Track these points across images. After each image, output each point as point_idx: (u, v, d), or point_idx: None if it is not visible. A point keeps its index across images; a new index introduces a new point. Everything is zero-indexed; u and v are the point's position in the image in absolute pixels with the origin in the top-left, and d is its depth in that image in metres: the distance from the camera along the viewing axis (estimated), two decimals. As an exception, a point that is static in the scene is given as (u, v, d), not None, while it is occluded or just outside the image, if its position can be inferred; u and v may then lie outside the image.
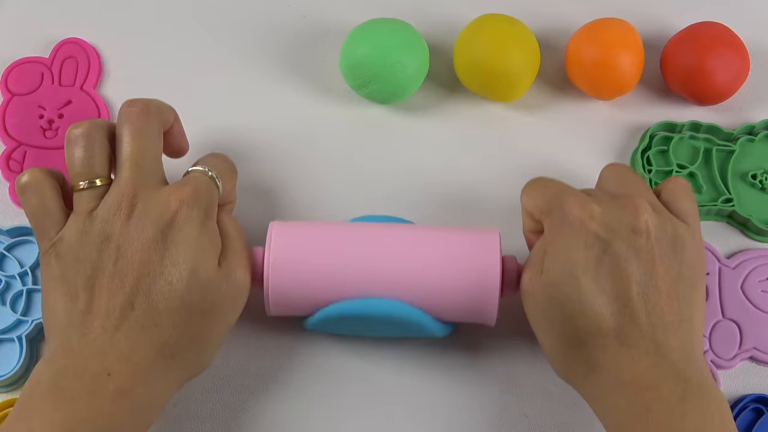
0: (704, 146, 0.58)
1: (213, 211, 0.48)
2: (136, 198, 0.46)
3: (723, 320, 0.54)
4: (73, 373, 0.43)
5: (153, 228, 0.45)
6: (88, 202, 0.46)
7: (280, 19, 0.62)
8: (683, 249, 0.47)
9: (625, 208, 0.47)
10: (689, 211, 0.49)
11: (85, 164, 0.47)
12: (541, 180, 0.50)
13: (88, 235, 0.45)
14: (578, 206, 0.46)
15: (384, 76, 0.56)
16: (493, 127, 0.59)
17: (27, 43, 0.61)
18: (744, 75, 0.58)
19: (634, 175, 0.51)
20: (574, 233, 0.46)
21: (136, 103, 0.48)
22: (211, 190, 0.48)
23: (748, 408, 0.52)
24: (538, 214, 0.49)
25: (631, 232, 0.46)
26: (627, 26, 0.58)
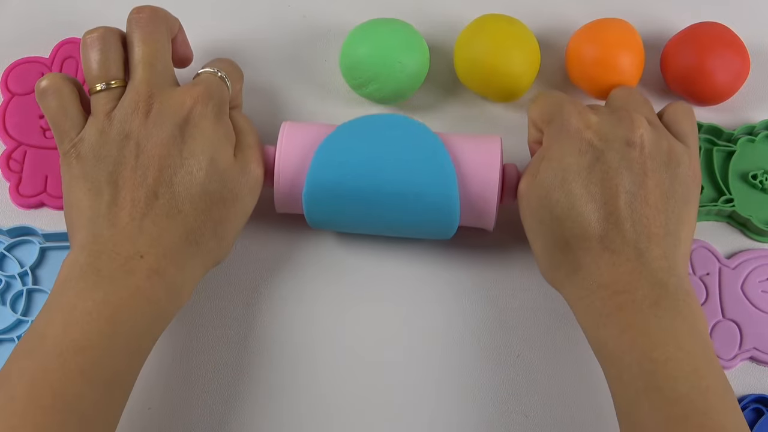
0: (704, 146, 0.58)
1: (225, 108, 0.50)
2: (152, 98, 0.48)
3: (723, 320, 0.54)
4: (108, 256, 0.45)
5: (170, 124, 0.47)
6: (106, 104, 0.48)
7: (280, 19, 0.62)
8: (677, 166, 0.48)
9: (622, 120, 0.49)
10: (689, 133, 0.50)
11: (102, 67, 0.49)
12: (548, 92, 0.53)
13: (107, 134, 0.47)
14: (576, 115, 0.49)
15: (384, 76, 0.56)
16: (493, 127, 0.59)
17: (27, 43, 0.61)
18: (744, 75, 0.58)
19: (640, 96, 0.53)
20: (569, 139, 0.48)
21: (144, 9, 0.50)
22: (222, 88, 0.50)
23: (748, 408, 0.52)
24: (540, 123, 0.51)
25: (625, 144, 0.48)
26: (627, 26, 0.58)
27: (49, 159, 0.57)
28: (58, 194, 0.56)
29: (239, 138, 0.51)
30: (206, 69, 0.52)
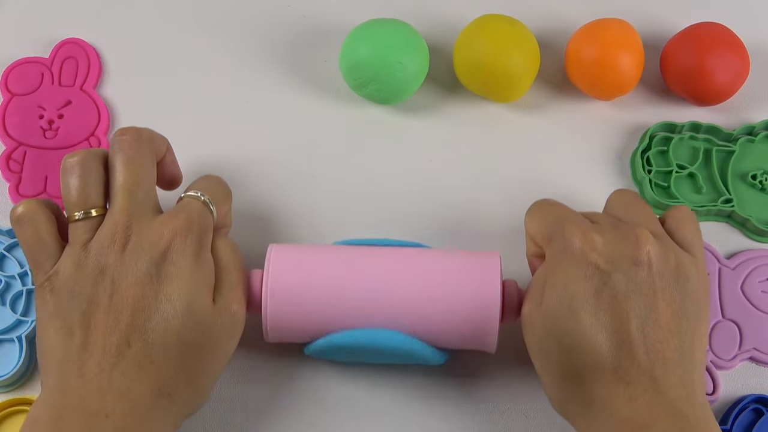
0: (704, 146, 0.58)
1: (207, 240, 0.47)
2: (129, 229, 0.45)
3: (723, 320, 0.54)
4: (72, 412, 0.42)
5: (147, 260, 0.45)
6: (83, 233, 0.46)
7: (280, 19, 0.62)
8: (687, 281, 0.46)
9: (626, 238, 0.46)
10: (694, 241, 0.48)
11: (81, 194, 0.46)
12: (545, 203, 0.50)
13: (83, 268, 0.45)
14: (579, 235, 0.46)
15: (384, 76, 0.56)
16: (493, 127, 0.59)
17: (27, 43, 0.61)
18: (744, 75, 0.58)
19: (640, 202, 0.49)
20: (574, 263, 0.45)
21: (128, 131, 0.48)
22: (205, 217, 0.47)
23: (748, 408, 0.52)
24: (539, 240, 0.48)
25: (632, 264, 0.45)
26: (627, 26, 0.58)
27: (49, 159, 0.57)
28: (58, 194, 0.56)
29: (220, 275, 0.47)
30: (190, 193, 0.48)
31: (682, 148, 0.58)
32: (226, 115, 0.59)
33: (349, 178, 0.58)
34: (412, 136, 0.59)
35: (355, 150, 0.59)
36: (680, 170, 0.57)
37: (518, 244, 0.52)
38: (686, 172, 0.57)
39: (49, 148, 0.57)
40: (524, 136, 0.59)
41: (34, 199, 0.47)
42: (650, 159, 0.58)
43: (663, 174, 0.57)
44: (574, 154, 0.59)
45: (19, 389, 0.53)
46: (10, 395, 0.52)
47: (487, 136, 0.59)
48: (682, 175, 0.57)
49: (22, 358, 0.52)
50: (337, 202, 0.57)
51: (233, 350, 0.48)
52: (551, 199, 0.50)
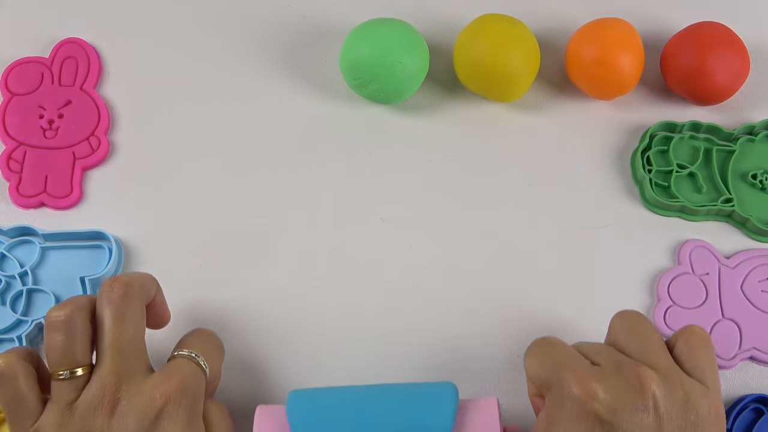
0: (704, 146, 0.58)
1: (199, 405, 0.45)
2: (119, 391, 0.43)
3: (723, 320, 0.54)
4: None
5: (137, 427, 0.42)
6: (68, 393, 0.43)
7: (280, 19, 0.62)
8: (697, 416, 0.43)
9: (628, 382, 0.43)
10: (706, 368, 0.44)
11: (66, 353, 0.44)
12: (542, 344, 0.47)
13: (66, 429, 0.43)
14: (578, 384, 0.43)
15: (384, 76, 0.56)
16: (493, 127, 0.59)
17: (27, 43, 0.61)
18: (744, 75, 0.58)
19: (643, 326, 0.46)
20: (573, 416, 0.42)
21: (117, 284, 0.45)
22: (199, 380, 0.45)
23: (748, 408, 0.52)
24: (539, 385, 0.46)
25: (637, 411, 0.42)
26: (627, 26, 0.58)
27: (49, 159, 0.57)
28: (58, 194, 0.56)
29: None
30: (183, 352, 0.46)
31: (682, 147, 0.58)
32: (226, 115, 0.59)
33: (349, 178, 0.58)
34: (412, 136, 0.59)
35: (355, 150, 0.59)
36: (680, 170, 0.57)
37: (518, 243, 0.52)
38: (686, 171, 0.57)
39: (49, 147, 0.57)
40: (524, 136, 0.59)
41: (14, 351, 0.45)
42: (650, 158, 0.58)
43: (663, 173, 0.57)
44: (574, 154, 0.59)
45: (19, 389, 0.53)
46: (10, 395, 0.52)
47: (487, 136, 0.59)
48: (683, 175, 0.57)
49: (22, 358, 0.52)
50: (337, 201, 0.57)
51: None
52: (550, 338, 0.47)
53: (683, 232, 0.56)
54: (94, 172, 0.58)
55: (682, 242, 0.56)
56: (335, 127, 0.59)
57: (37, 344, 0.54)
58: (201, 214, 0.56)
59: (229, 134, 0.59)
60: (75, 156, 0.57)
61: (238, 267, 0.55)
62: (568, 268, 0.55)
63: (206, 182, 0.57)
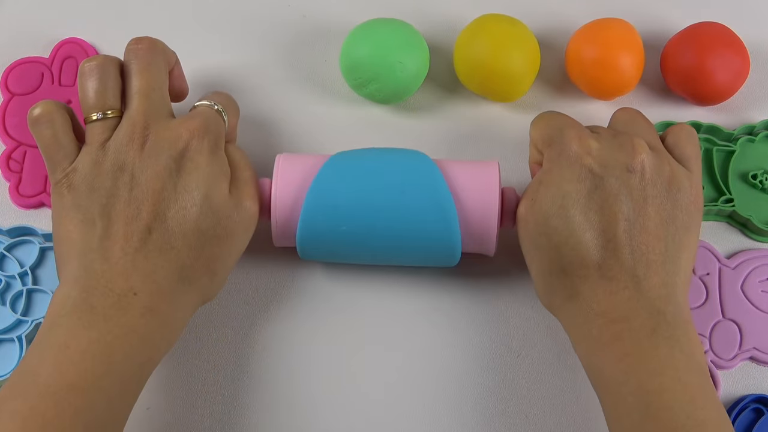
0: (704, 146, 0.58)
1: (221, 142, 0.50)
2: (147, 129, 0.47)
3: (723, 320, 0.54)
4: (101, 292, 0.45)
5: (166, 157, 0.47)
6: (101, 133, 0.48)
7: (280, 19, 0.62)
8: (678, 191, 0.48)
9: (622, 146, 0.48)
10: (692, 156, 0.50)
11: (99, 96, 0.48)
12: (550, 112, 0.52)
13: (101, 165, 0.47)
14: (576, 140, 0.48)
15: (384, 76, 0.56)
16: (493, 127, 0.59)
17: (27, 43, 0.61)
18: (744, 75, 0.58)
19: (643, 119, 0.52)
20: (569, 165, 0.48)
21: (143, 40, 0.50)
22: (219, 122, 0.50)
23: (749, 408, 0.52)
24: (541, 145, 0.50)
25: (626, 170, 0.47)
26: (627, 26, 0.58)
27: (49, 159, 0.57)
28: (58, 194, 0.56)
29: (234, 173, 0.50)
30: (203, 102, 0.51)
31: (682, 147, 0.58)
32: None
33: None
34: (412, 136, 0.59)
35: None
36: (680, 170, 0.57)
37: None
38: (686, 171, 0.57)
39: (49, 147, 0.57)
40: (524, 136, 0.59)
41: (51, 100, 0.49)
42: (650, 159, 0.58)
43: (663, 174, 0.57)
44: (574, 154, 0.59)
45: (19, 389, 0.53)
46: (10, 395, 0.52)
47: (487, 136, 0.59)
48: (682, 175, 0.57)
49: (22, 358, 0.52)
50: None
51: (246, 243, 0.50)
52: (556, 111, 0.52)
53: (683, 232, 0.56)
54: (94, 172, 0.58)
55: (682, 242, 0.56)
56: (335, 127, 0.59)
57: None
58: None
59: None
60: (75, 156, 0.57)
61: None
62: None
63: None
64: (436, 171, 0.50)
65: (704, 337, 0.53)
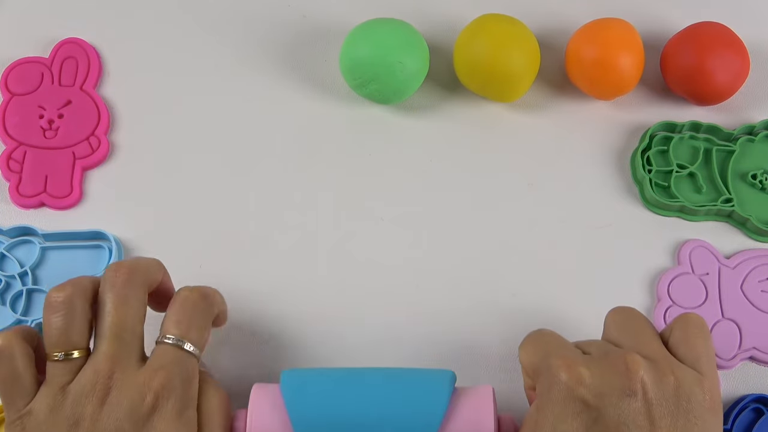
0: (704, 146, 0.58)
1: (191, 393, 0.44)
2: (111, 379, 0.43)
3: (723, 320, 0.54)
4: None
5: (126, 421, 0.42)
6: (62, 375, 0.43)
7: (280, 19, 0.62)
8: (689, 402, 0.42)
9: (615, 367, 0.42)
10: (701, 355, 0.44)
11: (63, 335, 0.44)
12: (537, 335, 0.47)
13: (57, 413, 0.42)
14: (565, 370, 0.43)
15: (384, 76, 0.56)
16: (493, 127, 0.59)
17: (27, 43, 0.61)
18: (744, 75, 0.58)
19: (635, 320, 0.46)
20: (560, 401, 0.42)
21: (122, 268, 0.45)
22: (185, 366, 0.44)
23: (749, 408, 0.52)
24: (531, 374, 0.46)
25: (624, 396, 0.42)
26: (627, 26, 0.58)
27: (49, 159, 0.57)
28: (58, 194, 0.56)
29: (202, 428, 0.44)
30: (167, 338, 0.45)
31: (682, 147, 0.58)
32: (226, 115, 0.59)
33: (349, 179, 0.58)
34: (412, 136, 0.59)
35: (356, 150, 0.59)
36: (680, 170, 0.57)
37: (518, 235, 0.52)
38: (686, 171, 0.57)
39: (49, 147, 0.57)
40: (524, 136, 0.59)
41: (14, 330, 0.45)
42: (650, 158, 0.58)
43: (663, 173, 0.57)
44: (574, 154, 0.59)
45: (19, 389, 0.53)
46: (10, 395, 0.52)
47: (487, 136, 0.59)
48: (683, 175, 0.57)
49: (22, 358, 0.52)
50: (337, 201, 0.57)
51: None
52: (545, 330, 0.47)
53: (683, 232, 0.56)
54: (94, 172, 0.58)
55: (682, 242, 0.56)
56: (335, 127, 0.59)
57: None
58: (201, 214, 0.56)
59: (229, 134, 0.59)
60: (75, 156, 0.57)
61: (238, 266, 0.55)
62: (568, 268, 0.55)
63: (206, 182, 0.57)
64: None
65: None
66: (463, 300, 0.55)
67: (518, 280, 0.55)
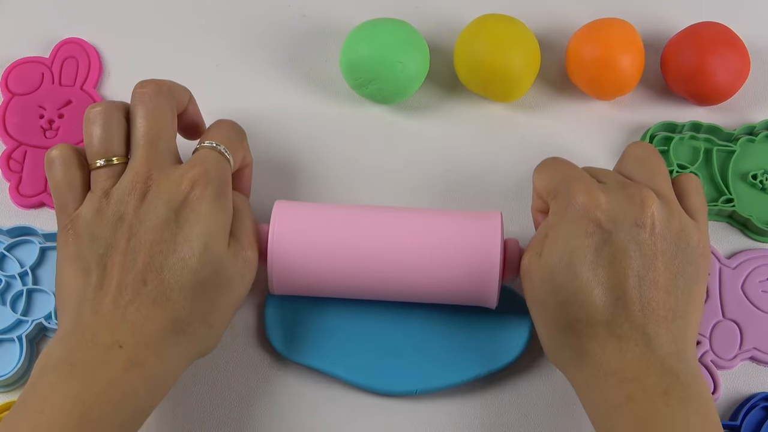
0: (704, 146, 0.58)
1: (225, 188, 0.48)
2: (150, 179, 0.47)
3: (723, 320, 0.54)
4: (85, 346, 0.44)
5: (166, 208, 0.46)
6: (104, 180, 0.47)
7: (280, 19, 0.62)
8: (687, 244, 0.47)
9: (632, 199, 0.47)
10: (699, 208, 0.49)
11: (103, 143, 0.48)
12: (554, 160, 0.51)
13: (103, 213, 0.46)
14: (584, 193, 0.47)
15: (384, 76, 0.56)
16: (493, 127, 0.59)
17: (27, 43, 0.61)
18: (744, 75, 0.58)
19: (655, 159, 0.50)
20: (576, 220, 0.46)
21: (148, 84, 0.49)
22: (222, 166, 0.49)
23: (758, 406, 0.52)
24: (545, 195, 0.49)
25: (635, 225, 0.46)
26: (627, 26, 0.58)
27: (49, 159, 0.57)
28: (58, 194, 0.56)
29: (235, 221, 0.49)
30: (204, 143, 0.49)
31: (682, 147, 0.58)
32: (226, 115, 0.59)
33: (350, 178, 0.58)
34: (412, 136, 0.59)
35: (356, 150, 0.58)
36: (681, 170, 0.57)
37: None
38: (687, 171, 0.57)
39: (50, 147, 0.57)
40: (524, 136, 0.59)
41: (69, 144, 0.49)
42: (650, 159, 0.58)
43: (663, 174, 0.57)
44: (574, 154, 0.58)
45: (19, 389, 0.53)
46: (10, 395, 0.52)
47: (487, 136, 0.59)
48: (683, 175, 0.57)
49: (22, 358, 0.52)
50: (337, 201, 0.57)
51: (245, 294, 0.49)
52: (561, 158, 0.51)
53: (683, 232, 0.56)
54: (94, 172, 0.58)
55: (682, 242, 0.56)
56: (335, 127, 0.59)
57: (38, 343, 0.54)
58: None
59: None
60: (75, 156, 0.57)
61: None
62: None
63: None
64: None
65: (704, 337, 0.53)
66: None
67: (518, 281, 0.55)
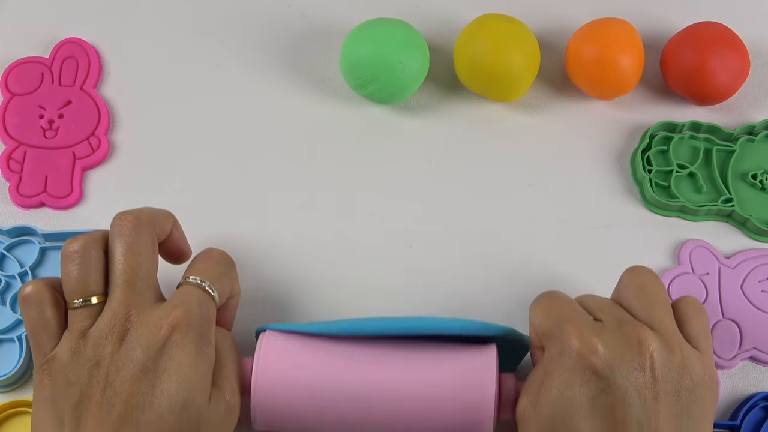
0: (704, 146, 0.58)
1: (208, 332, 0.45)
2: (128, 321, 0.44)
3: (723, 320, 0.54)
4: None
5: (144, 356, 0.43)
6: (82, 321, 0.45)
7: (280, 19, 0.62)
8: (691, 380, 0.44)
9: (628, 341, 0.44)
10: (701, 335, 0.46)
11: (80, 282, 0.45)
12: (548, 297, 0.48)
13: (80, 356, 0.44)
14: (578, 337, 0.44)
15: (384, 76, 0.56)
16: (493, 127, 0.59)
17: (27, 43, 0.61)
18: (744, 75, 0.58)
19: (653, 286, 0.47)
20: (571, 368, 0.43)
21: (127, 216, 0.46)
22: (206, 306, 0.46)
23: (758, 406, 0.52)
24: (540, 336, 0.46)
25: (633, 369, 0.43)
26: (627, 26, 0.58)
27: (49, 159, 0.57)
28: (58, 194, 0.56)
29: (217, 366, 0.46)
30: (189, 279, 0.47)
31: (682, 147, 0.58)
32: (226, 115, 0.59)
33: (350, 178, 0.58)
34: (412, 136, 0.59)
35: (355, 150, 0.59)
36: (680, 170, 0.57)
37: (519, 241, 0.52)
38: (686, 171, 0.57)
39: (50, 147, 0.57)
40: (524, 136, 0.59)
41: (43, 280, 0.46)
42: (650, 158, 0.58)
43: (663, 173, 0.57)
44: (574, 154, 0.59)
45: (19, 389, 0.53)
46: (10, 396, 0.52)
47: (487, 136, 0.59)
48: (683, 175, 0.57)
49: (22, 358, 0.52)
50: (337, 201, 0.57)
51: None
52: (556, 292, 0.48)
53: (683, 232, 0.56)
54: (94, 172, 0.58)
55: (682, 242, 0.56)
56: (335, 127, 0.59)
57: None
58: (200, 214, 0.56)
59: (229, 134, 0.59)
60: (75, 156, 0.57)
61: (237, 267, 0.55)
62: (568, 268, 0.55)
63: (206, 182, 0.57)
64: None
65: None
66: (462, 301, 0.55)
67: (518, 281, 0.55)
